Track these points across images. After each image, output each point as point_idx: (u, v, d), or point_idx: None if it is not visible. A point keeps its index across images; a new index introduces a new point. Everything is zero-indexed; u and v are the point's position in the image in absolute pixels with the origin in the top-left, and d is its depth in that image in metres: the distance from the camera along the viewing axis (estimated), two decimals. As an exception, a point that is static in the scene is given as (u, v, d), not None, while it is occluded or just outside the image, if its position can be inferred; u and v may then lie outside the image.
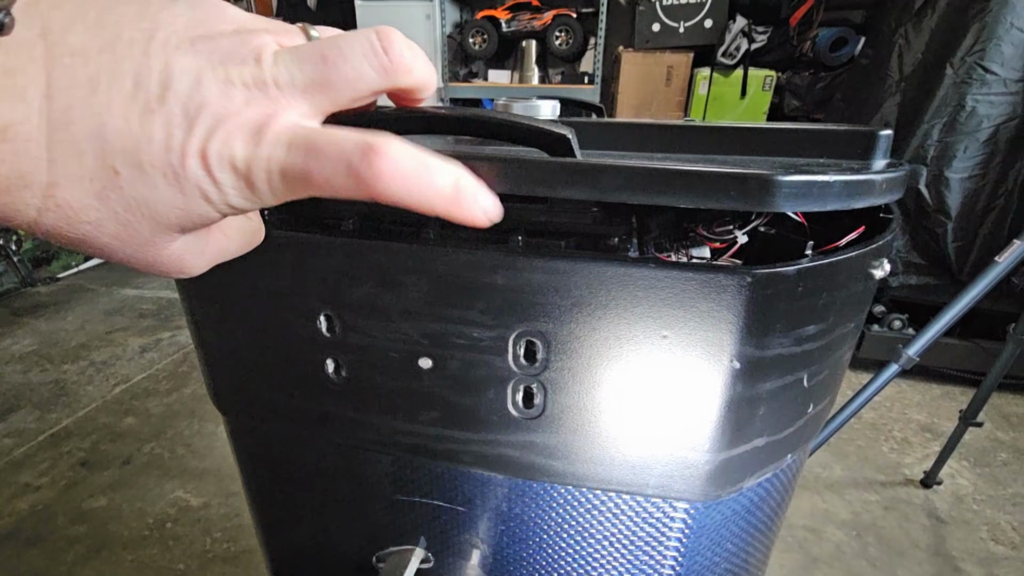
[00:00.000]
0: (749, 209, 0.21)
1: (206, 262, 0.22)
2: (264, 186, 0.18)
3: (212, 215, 0.18)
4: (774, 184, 0.21)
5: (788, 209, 0.21)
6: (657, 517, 0.31)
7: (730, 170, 0.21)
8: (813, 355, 0.28)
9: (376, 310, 0.29)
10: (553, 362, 0.28)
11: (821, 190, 0.22)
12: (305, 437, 0.36)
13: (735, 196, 0.21)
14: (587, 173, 0.21)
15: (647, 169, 0.21)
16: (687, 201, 0.21)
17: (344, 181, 0.17)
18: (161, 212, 0.18)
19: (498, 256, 0.26)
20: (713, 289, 0.24)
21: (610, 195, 0.22)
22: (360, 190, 0.17)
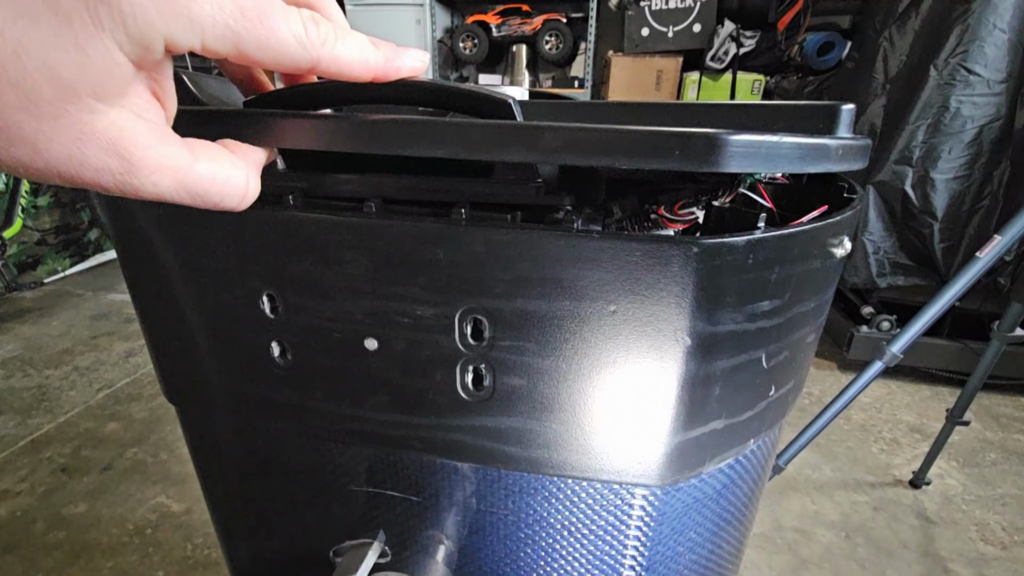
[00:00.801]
0: (695, 169, 0.20)
1: (160, 159, 0.18)
2: (204, 4, 0.16)
3: (115, 56, 0.16)
4: (721, 142, 0.20)
5: (736, 169, 0.20)
6: (616, 504, 0.30)
7: (676, 129, 0.20)
8: (770, 333, 0.27)
9: (318, 288, 0.28)
10: (500, 340, 0.27)
11: (770, 150, 0.21)
12: (255, 426, 0.35)
13: (680, 155, 0.20)
14: (526, 134, 0.21)
15: (587, 129, 0.20)
16: (631, 161, 0.20)
17: None
18: (53, 59, 0.16)
19: (439, 228, 0.25)
20: (659, 260, 0.23)
21: (551, 156, 0.21)
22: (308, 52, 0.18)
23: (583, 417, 0.28)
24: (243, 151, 0.23)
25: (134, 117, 0.18)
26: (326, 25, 0.20)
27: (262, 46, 0.18)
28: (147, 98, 0.19)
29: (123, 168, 0.18)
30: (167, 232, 0.30)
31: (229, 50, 0.18)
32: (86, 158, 0.17)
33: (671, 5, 2.53)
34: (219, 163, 0.20)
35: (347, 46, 0.20)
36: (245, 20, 0.17)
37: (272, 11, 0.18)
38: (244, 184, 0.21)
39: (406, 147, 0.22)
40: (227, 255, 0.29)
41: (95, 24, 0.16)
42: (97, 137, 0.17)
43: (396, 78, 0.23)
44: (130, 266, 0.32)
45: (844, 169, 0.25)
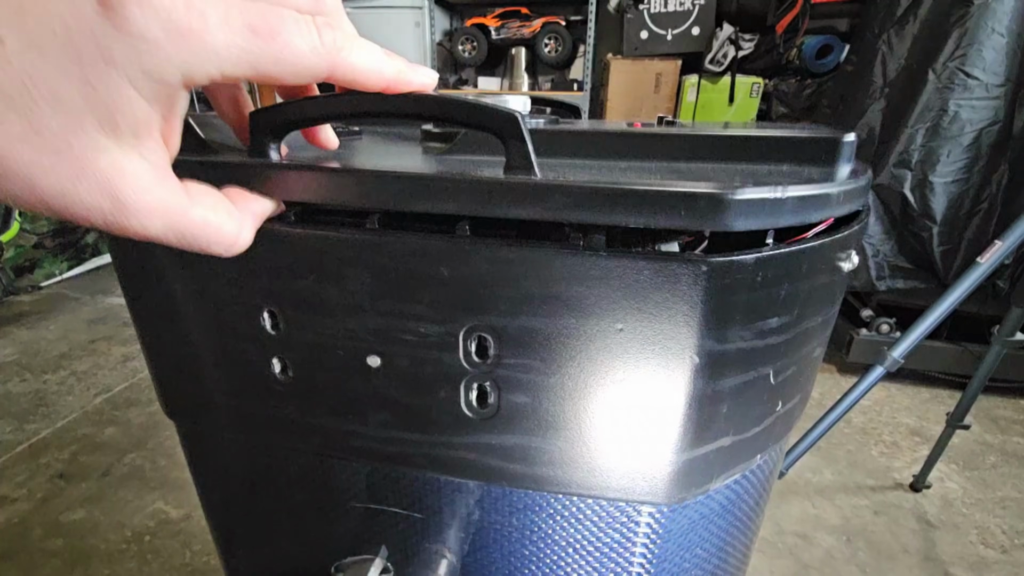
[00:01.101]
0: (700, 228, 0.20)
1: (153, 203, 0.18)
2: (216, 32, 0.16)
3: (127, 92, 0.16)
4: (724, 203, 0.20)
5: (740, 227, 0.21)
6: (622, 522, 0.30)
7: (680, 188, 0.20)
8: (778, 349, 0.27)
9: (320, 305, 0.28)
10: (505, 358, 0.26)
11: (773, 207, 0.21)
12: (255, 443, 0.35)
13: (685, 216, 0.20)
14: (536, 193, 0.21)
15: (595, 189, 0.21)
16: (636, 220, 0.21)
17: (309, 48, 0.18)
18: (62, 91, 0.15)
19: (442, 245, 0.25)
20: (667, 279, 0.23)
21: (560, 215, 0.21)
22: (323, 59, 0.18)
23: (589, 435, 0.27)
24: (243, 201, 0.23)
25: (139, 158, 0.18)
26: (339, 31, 0.19)
27: (278, 61, 0.18)
28: (156, 138, 0.18)
29: (114, 209, 0.17)
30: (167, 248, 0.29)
31: (247, 72, 0.18)
32: (80, 195, 0.17)
33: (670, 8, 2.53)
34: (214, 211, 0.20)
35: (361, 54, 0.20)
36: (258, 39, 0.17)
37: (283, 25, 0.18)
38: (236, 233, 0.21)
39: (416, 204, 0.22)
40: (228, 272, 0.28)
41: (106, 60, 0.16)
42: (95, 175, 0.17)
43: (406, 91, 0.22)
44: (129, 281, 0.32)
45: (846, 212, 0.25)
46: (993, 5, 1.38)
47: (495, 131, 0.23)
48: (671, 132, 0.31)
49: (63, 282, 2.48)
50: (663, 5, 2.51)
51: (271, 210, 0.24)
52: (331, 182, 0.23)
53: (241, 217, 0.21)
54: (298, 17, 0.18)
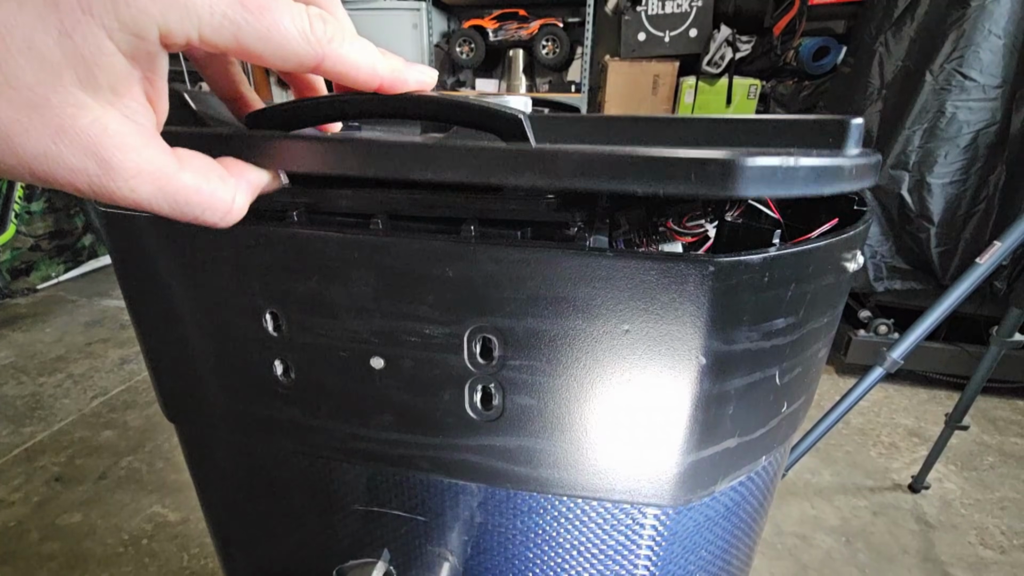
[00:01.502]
0: (711, 195, 0.20)
1: (141, 164, 0.17)
2: None
3: (104, 44, 0.16)
4: (736, 167, 0.19)
5: (752, 194, 0.20)
6: (627, 524, 0.30)
7: (690, 154, 0.20)
8: (784, 350, 0.27)
9: (323, 306, 0.27)
10: (510, 360, 0.26)
11: (786, 174, 0.21)
12: (256, 445, 0.34)
13: (695, 181, 0.20)
14: (541, 159, 0.20)
15: (603, 153, 0.20)
16: (645, 186, 0.20)
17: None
18: (38, 41, 0.15)
19: (448, 246, 0.24)
20: (674, 279, 0.23)
21: (565, 181, 0.20)
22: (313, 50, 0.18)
23: (595, 437, 0.27)
24: (238, 168, 0.22)
25: (122, 118, 0.17)
26: (334, 23, 0.19)
27: (263, 38, 0.17)
28: (139, 99, 0.18)
29: (101, 170, 0.17)
30: (167, 249, 0.29)
31: (228, 42, 0.17)
32: (62, 156, 0.16)
33: (667, 10, 2.53)
34: (206, 176, 0.20)
35: (355, 48, 0.20)
36: (245, 11, 0.17)
37: (275, 4, 0.17)
38: (230, 201, 0.20)
39: (417, 171, 0.21)
40: (229, 273, 0.28)
41: (83, 9, 0.15)
42: (77, 134, 0.16)
43: (402, 91, 0.22)
44: (128, 282, 0.32)
45: (858, 188, 0.24)
46: (990, 7, 1.39)
47: (499, 133, 0.22)
48: (676, 118, 0.31)
49: (60, 284, 2.47)
50: (660, 7, 2.52)
51: (267, 181, 0.23)
52: (331, 151, 0.22)
53: (236, 184, 0.21)
54: (293, 4, 0.18)
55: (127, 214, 0.28)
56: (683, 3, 2.50)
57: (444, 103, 0.22)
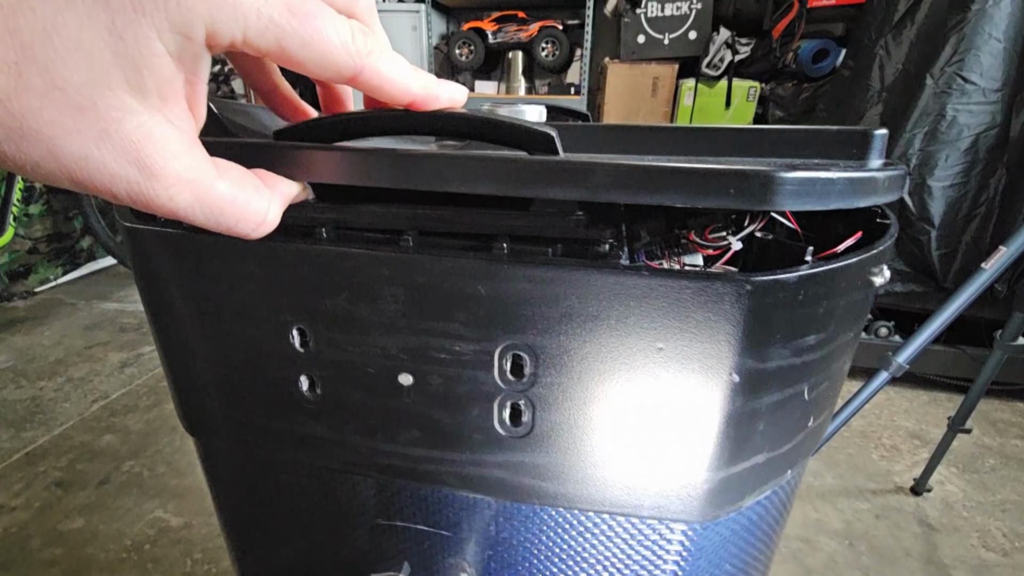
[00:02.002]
0: (749, 208, 0.20)
1: (182, 171, 0.17)
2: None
3: (154, 45, 0.15)
4: (776, 181, 0.19)
5: (790, 207, 0.20)
6: (653, 540, 0.30)
7: (728, 167, 0.20)
8: (813, 366, 0.27)
9: (352, 323, 0.27)
10: (542, 377, 0.26)
11: (824, 187, 0.21)
12: (280, 459, 0.34)
13: (734, 194, 0.20)
14: (577, 171, 0.20)
15: (640, 167, 0.20)
16: (683, 200, 0.20)
17: None
18: (87, 41, 0.15)
19: (480, 264, 0.24)
20: (710, 298, 0.22)
21: (602, 194, 0.20)
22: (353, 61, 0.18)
23: (624, 454, 0.27)
24: (272, 180, 0.22)
25: (166, 123, 0.17)
26: (373, 37, 0.19)
27: (306, 44, 0.17)
28: (183, 104, 0.18)
29: (142, 177, 0.16)
30: (192, 265, 0.29)
31: (271, 46, 0.17)
32: (104, 161, 0.16)
33: (667, 12, 2.54)
34: (241, 186, 0.20)
35: (391, 63, 0.20)
36: (291, 16, 0.17)
37: (320, 13, 0.17)
38: (264, 212, 0.20)
39: (450, 183, 0.21)
40: (257, 289, 0.28)
41: (135, 7, 0.15)
42: (121, 138, 0.16)
43: (434, 107, 0.22)
44: (151, 297, 0.31)
45: (889, 200, 0.24)
46: (990, 11, 1.40)
47: (529, 149, 0.22)
48: (700, 127, 0.31)
49: (58, 287, 2.46)
50: (660, 9, 2.53)
51: (297, 192, 0.23)
52: (362, 162, 0.22)
53: (270, 195, 0.21)
54: (335, 13, 0.18)
55: (152, 230, 0.28)
56: (682, 5, 2.51)
57: (475, 120, 0.22)
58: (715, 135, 0.30)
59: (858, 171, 0.21)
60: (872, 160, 0.29)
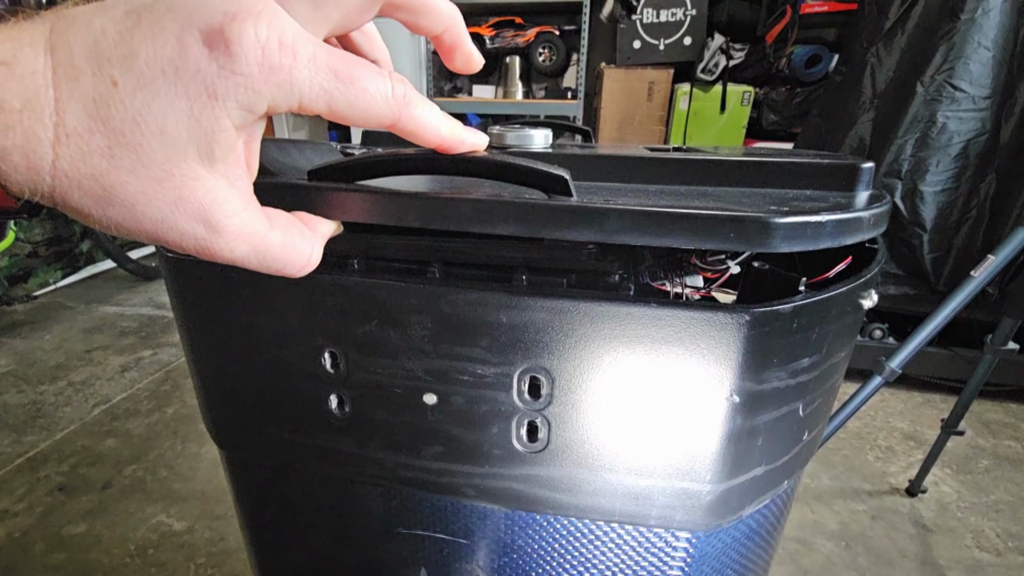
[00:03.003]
0: (746, 249, 0.22)
1: (241, 226, 0.19)
2: (303, 70, 0.17)
3: (224, 123, 0.17)
4: (770, 226, 0.22)
5: (784, 249, 0.22)
6: (660, 547, 0.32)
7: (728, 213, 0.22)
8: (808, 386, 0.29)
9: (381, 347, 0.29)
10: (557, 397, 0.28)
11: (814, 230, 0.23)
12: (306, 472, 0.36)
13: (734, 238, 0.22)
14: (592, 216, 0.22)
15: (649, 213, 0.22)
16: (688, 242, 0.22)
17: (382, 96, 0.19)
18: (169, 126, 0.17)
19: (501, 295, 0.26)
20: (712, 327, 0.24)
21: (614, 237, 0.22)
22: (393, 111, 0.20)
23: (633, 468, 0.29)
24: (314, 223, 0.24)
25: (228, 185, 0.19)
26: (410, 87, 0.21)
27: (352, 104, 0.19)
28: (242, 165, 0.20)
29: (208, 233, 0.19)
30: (232, 293, 0.31)
31: (322, 108, 0.19)
32: (177, 222, 0.18)
33: (662, 19, 2.57)
34: (289, 233, 0.22)
35: (425, 110, 0.22)
36: (338, 82, 0.19)
37: (362, 73, 0.19)
38: (308, 254, 0.22)
39: (475, 225, 0.23)
40: (292, 315, 0.30)
41: (210, 96, 0.17)
42: (193, 202, 0.18)
43: (459, 151, 0.24)
44: (188, 319, 0.33)
45: (873, 235, 0.26)
46: (979, 20, 1.43)
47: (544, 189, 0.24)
48: (694, 158, 0.33)
49: (58, 291, 2.46)
50: (655, 16, 2.55)
51: (334, 230, 0.25)
52: (395, 205, 0.24)
53: (312, 238, 0.23)
54: (375, 70, 0.20)
55: (194, 262, 0.30)
56: (677, 12, 2.54)
57: (493, 164, 0.24)
58: (715, 167, 0.32)
59: (845, 212, 0.24)
60: (859, 192, 0.31)
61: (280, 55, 0.17)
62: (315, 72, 0.18)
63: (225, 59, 0.17)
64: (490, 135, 0.39)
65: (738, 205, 0.25)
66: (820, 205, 0.26)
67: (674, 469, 0.29)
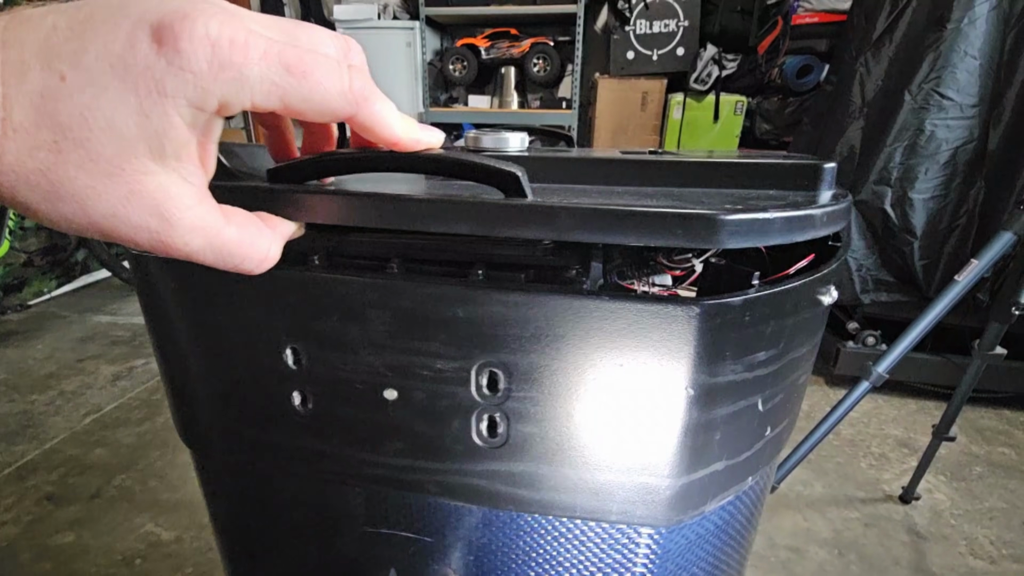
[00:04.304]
0: (695, 246, 0.22)
1: (195, 220, 0.20)
2: (254, 66, 0.18)
3: (174, 120, 0.18)
4: (717, 223, 0.22)
5: (732, 245, 0.23)
6: (623, 543, 0.32)
7: (676, 210, 0.22)
8: (766, 380, 0.29)
9: (342, 343, 0.29)
10: (515, 392, 0.28)
11: (762, 226, 0.23)
12: (273, 471, 0.36)
13: (681, 234, 0.22)
14: (543, 214, 0.23)
15: (598, 210, 0.22)
16: (637, 239, 0.23)
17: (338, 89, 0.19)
18: (118, 121, 0.17)
19: (459, 290, 0.26)
20: (664, 320, 0.25)
21: (565, 235, 0.23)
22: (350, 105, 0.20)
23: (592, 462, 0.29)
24: (273, 222, 0.24)
25: (181, 180, 0.19)
26: (369, 81, 0.21)
27: (307, 99, 0.19)
28: (195, 162, 0.20)
29: (161, 227, 0.19)
30: (194, 288, 0.31)
31: (276, 105, 0.19)
32: (129, 216, 0.19)
33: (655, 30, 2.60)
34: (247, 229, 0.22)
35: (383, 108, 0.22)
36: (291, 77, 0.19)
37: (316, 67, 0.19)
38: (266, 250, 0.23)
39: (430, 225, 0.23)
40: (254, 311, 0.30)
41: (159, 92, 0.17)
42: (144, 197, 0.18)
43: (415, 149, 0.24)
44: (155, 318, 0.33)
45: (828, 233, 0.27)
46: (965, 29, 1.45)
47: (498, 186, 0.25)
48: (662, 160, 0.34)
49: (52, 300, 2.46)
50: (648, 27, 2.59)
51: (295, 230, 0.26)
52: (352, 206, 0.25)
53: (271, 236, 0.23)
54: (332, 62, 0.20)
55: (158, 257, 0.30)
56: (670, 23, 2.57)
57: (447, 161, 0.25)
58: (682, 168, 0.33)
59: (796, 210, 0.24)
60: (822, 191, 0.31)
61: (230, 52, 0.18)
62: (267, 68, 0.18)
63: (173, 55, 0.17)
64: (466, 138, 0.40)
65: (694, 204, 0.25)
66: (775, 203, 0.27)
67: (633, 463, 0.29)
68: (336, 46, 0.21)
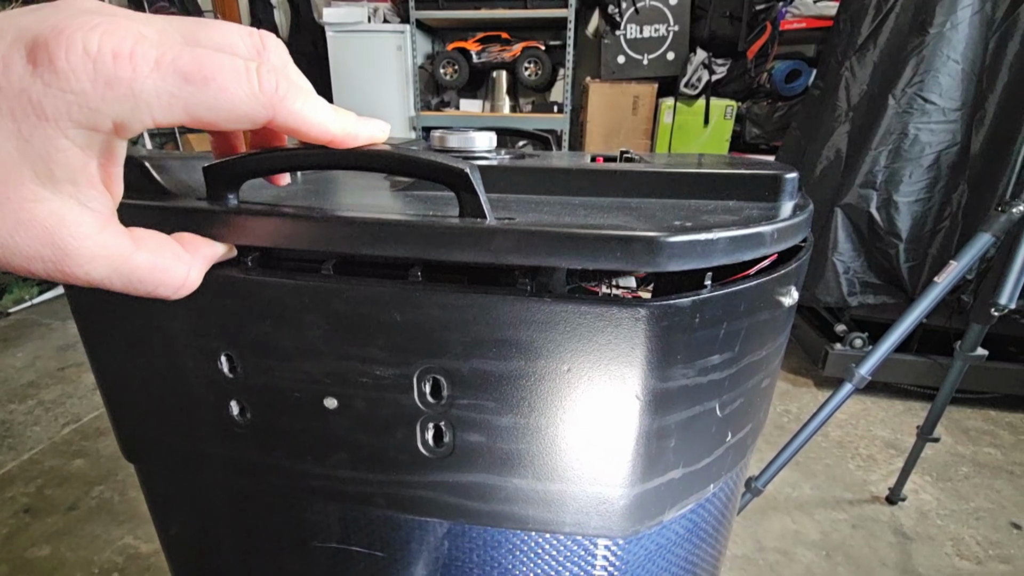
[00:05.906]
0: (637, 269, 0.22)
1: (95, 249, 0.18)
2: (146, 80, 0.16)
3: (60, 143, 0.16)
4: (658, 246, 0.21)
5: (674, 268, 0.22)
6: (580, 555, 0.30)
7: (617, 232, 0.22)
8: (723, 384, 0.28)
9: (277, 349, 0.28)
10: (458, 399, 0.27)
11: (705, 248, 0.23)
12: (215, 484, 0.35)
13: (621, 257, 0.22)
14: (480, 236, 0.22)
15: (537, 233, 0.22)
16: (577, 262, 0.22)
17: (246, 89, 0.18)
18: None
19: (394, 291, 0.25)
20: (608, 323, 0.24)
21: (502, 258, 0.22)
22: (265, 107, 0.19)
23: (542, 472, 0.28)
24: (194, 245, 0.23)
25: (78, 206, 0.18)
26: (284, 80, 0.19)
27: (213, 107, 0.18)
28: (97, 186, 0.19)
29: (55, 257, 0.18)
30: (125, 298, 0.29)
31: (182, 118, 0.18)
32: (19, 246, 0.17)
33: (645, 34, 2.61)
34: (160, 255, 0.21)
35: (307, 104, 0.20)
36: (190, 85, 0.17)
37: (218, 71, 0.18)
38: (183, 276, 0.21)
39: (365, 248, 0.23)
40: (185, 316, 0.29)
41: (38, 115, 0.16)
42: (34, 226, 0.17)
43: (353, 145, 0.23)
44: (87, 329, 0.32)
45: (780, 249, 0.26)
46: (948, 34, 1.46)
47: (448, 185, 0.24)
48: (625, 169, 0.33)
49: (33, 307, 2.42)
50: (638, 31, 2.60)
51: (222, 254, 0.24)
52: (284, 227, 0.24)
53: (190, 260, 0.22)
54: (236, 64, 0.18)
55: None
56: (660, 28, 2.58)
57: (389, 157, 0.23)
58: (644, 179, 0.32)
59: (744, 228, 0.23)
60: (783, 202, 0.31)
61: (115, 67, 0.16)
62: (161, 79, 0.17)
63: (51, 76, 0.16)
64: (432, 138, 0.39)
65: (644, 220, 0.25)
66: (729, 217, 0.26)
67: (584, 473, 0.28)
68: (247, 44, 0.20)
